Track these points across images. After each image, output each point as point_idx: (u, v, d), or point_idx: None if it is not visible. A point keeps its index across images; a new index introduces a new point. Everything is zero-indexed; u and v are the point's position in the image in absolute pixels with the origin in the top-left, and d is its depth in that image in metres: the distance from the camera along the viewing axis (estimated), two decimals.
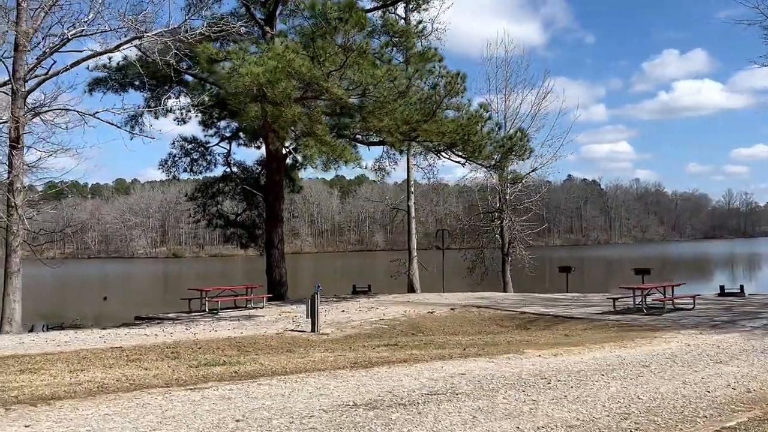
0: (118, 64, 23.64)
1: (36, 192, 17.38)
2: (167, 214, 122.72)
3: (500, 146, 20.91)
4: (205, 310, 18.46)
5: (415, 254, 27.26)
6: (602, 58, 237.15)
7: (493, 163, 22.18)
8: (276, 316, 16.96)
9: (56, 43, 16.47)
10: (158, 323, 16.45)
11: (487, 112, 19.61)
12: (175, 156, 25.54)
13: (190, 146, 25.47)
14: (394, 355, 8.65)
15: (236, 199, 26.68)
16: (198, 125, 25.95)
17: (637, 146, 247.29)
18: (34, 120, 16.05)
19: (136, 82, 24.48)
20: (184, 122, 26.14)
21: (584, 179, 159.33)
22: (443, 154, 21.66)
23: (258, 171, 25.72)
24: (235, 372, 6.89)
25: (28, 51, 15.73)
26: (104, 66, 23.18)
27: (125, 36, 17.02)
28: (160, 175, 63.25)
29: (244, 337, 12.69)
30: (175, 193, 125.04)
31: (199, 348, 10.88)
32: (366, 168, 22.01)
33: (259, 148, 26.35)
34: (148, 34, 15.00)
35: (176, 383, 6.09)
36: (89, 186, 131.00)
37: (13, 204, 15.37)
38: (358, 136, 21.13)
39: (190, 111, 25.73)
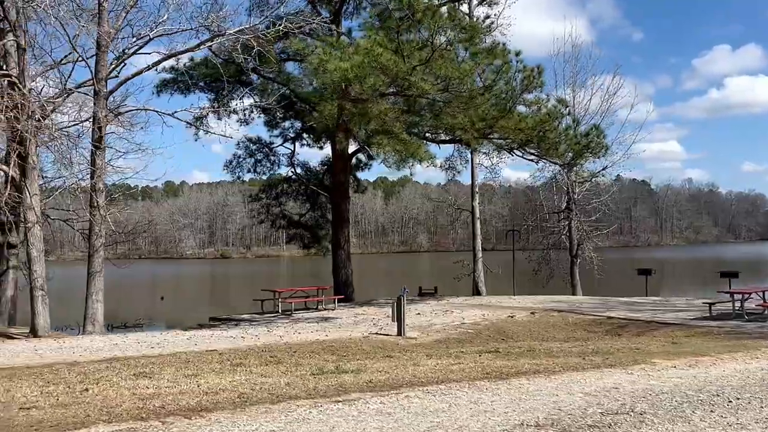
0: (184, 65, 23.79)
1: (120, 192, 17.46)
2: (215, 216, 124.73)
3: (576, 143, 20.07)
4: (278, 311, 18.24)
5: (480, 255, 26.55)
6: (650, 56, 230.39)
7: (567, 161, 21.39)
8: (353, 319, 16.58)
9: (135, 43, 16.54)
10: (235, 324, 16.27)
11: (566, 107, 18.82)
12: (239, 157, 25.54)
13: (254, 147, 25.40)
14: (514, 365, 8.07)
15: (299, 199, 26.50)
16: (263, 126, 25.92)
17: (688, 145, 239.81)
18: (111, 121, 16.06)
19: (201, 84, 24.61)
20: (247, 123, 26.18)
21: (633, 179, 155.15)
22: (516, 151, 20.95)
23: (322, 171, 25.48)
24: (369, 381, 6.44)
25: (109, 52, 15.75)
26: (172, 68, 23.29)
27: (200, 36, 17.05)
28: (207, 178, 63.85)
29: (333, 340, 12.31)
30: (222, 195, 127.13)
31: (295, 352, 10.52)
32: (437, 166, 21.35)
33: (322, 148, 26.13)
34: (230, 31, 14.82)
35: (318, 394, 5.66)
36: (139, 188, 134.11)
37: (96, 204, 15.41)
38: (427, 134, 20.64)
39: (252, 112, 25.73)
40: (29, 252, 14.81)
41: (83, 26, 14.17)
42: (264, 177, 26.26)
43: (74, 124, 16.34)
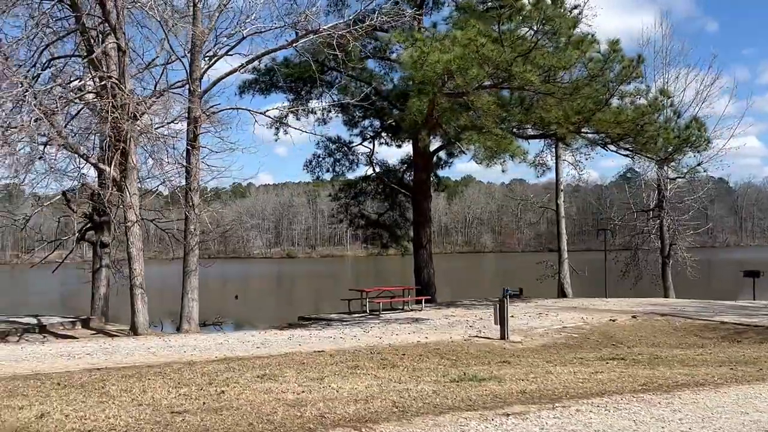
0: (266, 66, 23.94)
1: (215, 191, 17.61)
2: (281, 217, 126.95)
3: (674, 137, 18.85)
4: (365, 311, 17.96)
5: (566, 256, 25.52)
6: (726, 47, 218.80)
7: (664, 156, 20.16)
8: (445, 320, 16.05)
9: (226, 43, 16.63)
10: (327, 324, 16.05)
11: (669, 98, 17.67)
12: (319, 156, 25.48)
13: (334, 146, 25.28)
14: (662, 375, 7.36)
15: (378, 199, 26.21)
16: (340, 126, 25.77)
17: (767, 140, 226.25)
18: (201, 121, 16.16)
19: (281, 84, 24.70)
20: (325, 123, 26.09)
21: (711, 177, 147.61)
22: (610, 146, 19.90)
23: (402, 170, 25.10)
24: (522, 392, 5.92)
25: (202, 52, 15.86)
26: (254, 69, 23.44)
27: (286, 36, 17.00)
28: (272, 179, 64.86)
29: (436, 343, 11.83)
30: (287, 197, 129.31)
31: (404, 355, 10.10)
32: (528, 162, 20.53)
33: (400, 146, 25.77)
34: (324, 27, 14.62)
35: (478, 405, 5.20)
36: (208, 189, 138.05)
37: (191, 203, 15.54)
38: (513, 129, 19.90)
39: (331, 111, 25.62)
40: (129, 251, 15.06)
41: (181, 26, 14.24)
42: (343, 176, 26.12)
43: (168, 123, 16.54)
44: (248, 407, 5.22)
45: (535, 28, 12.55)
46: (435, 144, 22.84)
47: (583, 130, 18.39)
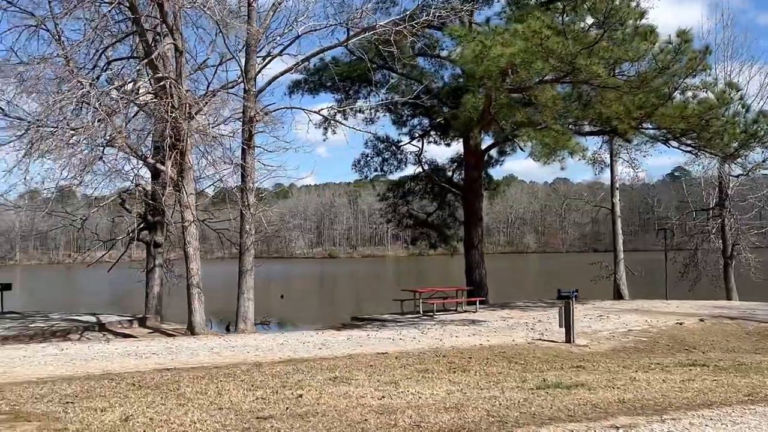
0: (314, 66, 23.89)
1: (268, 191, 17.61)
2: (323, 217, 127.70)
3: (741, 132, 17.96)
4: (419, 312, 17.67)
5: (622, 257, 24.69)
6: None
7: (730, 151, 19.24)
8: (503, 322, 15.62)
9: (279, 42, 16.60)
10: (382, 325, 15.81)
11: (738, 91, 16.83)
12: (367, 156, 25.31)
13: (382, 146, 25.08)
14: (762, 383, 6.85)
15: (426, 198, 25.89)
16: (386, 125, 25.58)
17: None
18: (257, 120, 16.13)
19: (328, 84, 24.62)
20: (373, 122, 25.93)
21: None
22: (672, 142, 19.13)
23: (452, 168, 24.72)
24: (620, 401, 5.53)
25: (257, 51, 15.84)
26: (304, 68, 23.44)
27: (336, 34, 16.87)
28: (314, 180, 65.20)
29: (500, 346, 11.46)
30: (329, 197, 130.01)
31: (470, 358, 9.78)
32: (587, 160, 19.90)
33: (449, 145, 25.39)
34: (380, 23, 14.40)
35: (580, 416, 4.84)
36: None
37: (246, 203, 15.54)
38: (569, 126, 19.31)
39: (378, 111, 25.42)
40: (186, 250, 15.13)
41: (237, 25, 14.23)
42: (388, 176, 25.93)
43: (221, 123, 16.59)
44: (333, 413, 5.00)
45: (600, 19, 12.02)
46: (486, 142, 22.47)
47: (643, 125, 17.74)
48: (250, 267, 15.71)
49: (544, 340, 12.50)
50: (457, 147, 24.82)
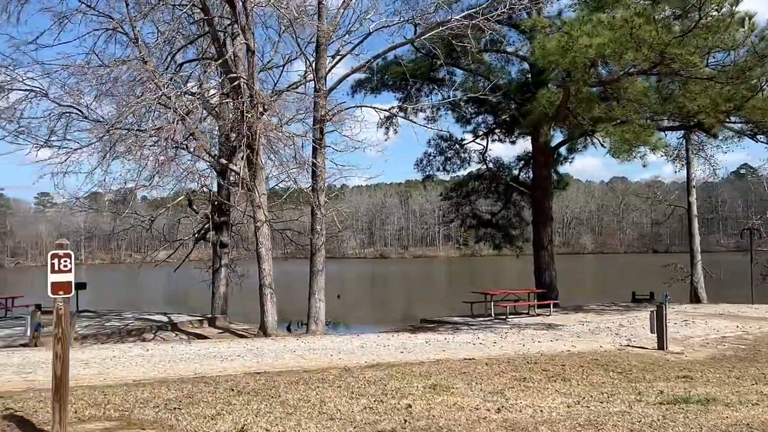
0: (377, 65, 23.65)
1: (333, 191, 17.47)
2: (374, 217, 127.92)
3: None
4: (490, 315, 17.15)
5: (699, 258, 23.46)
6: None
7: None
8: (582, 327, 14.95)
9: (347, 40, 16.41)
10: (454, 328, 15.38)
11: None
12: (430, 155, 24.89)
13: (445, 144, 24.62)
14: None
15: (490, 197, 25.29)
16: (446, 124, 25.09)
17: None
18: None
19: (390, 82, 24.35)
20: (435, 120, 25.49)
21: None
22: (759, 137, 17.97)
23: (518, 167, 24.05)
24: None
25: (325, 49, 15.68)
26: (368, 67, 23.23)
27: (402, 32, 16.58)
28: (365, 181, 65.06)
29: (590, 353, 10.86)
30: (380, 198, 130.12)
31: (563, 365, 9.25)
32: (669, 156, 18.98)
33: (514, 143, 24.74)
34: (455, 17, 14.00)
35: None
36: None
37: (317, 202, 15.39)
38: (647, 120, 18.41)
39: (440, 109, 24.98)
40: (258, 251, 15.07)
41: (308, 22, 14.09)
42: (454, 175, 25.44)
43: (288, 121, 16.50)
44: (459, 429, 4.63)
45: (696, 5, 11.24)
46: (555, 139, 21.75)
47: (730, 119, 16.72)
48: (321, 267, 15.56)
49: (634, 347, 11.82)
50: (524, 145, 24.19)
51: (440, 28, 14.30)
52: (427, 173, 25.32)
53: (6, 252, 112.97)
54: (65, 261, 4.35)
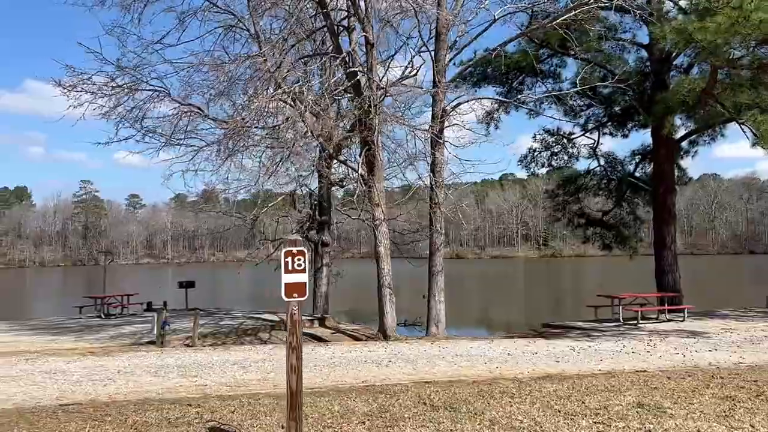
0: (477, 58, 22.80)
1: (457, 187, 16.81)
2: (449, 218, 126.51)
3: None
4: (617, 320, 15.95)
5: None
6: None
7: None
8: (731, 335, 13.52)
9: (464, 30, 15.69)
10: (585, 334, 14.30)
11: None
12: (535, 151, 23.72)
13: (552, 139, 23.39)
14: None
15: (601, 195, 23.84)
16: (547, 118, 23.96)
17: None
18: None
19: (492, 76, 23.40)
20: (537, 115, 24.36)
21: None
22: None
23: (633, 162, 22.50)
24: None
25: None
26: (469, 61, 22.42)
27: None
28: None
29: None
30: (456, 197, 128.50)
31: (755, 381, 8.12)
32: None
33: (626, 136, 23.18)
34: (582, 1, 13.01)
35: None
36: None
37: (436, 201, 14.76)
38: None
39: (543, 103, 23.81)
40: (377, 250, 14.61)
41: (430, 8, 13.46)
42: (560, 171, 24.13)
43: (402, 115, 15.93)
44: None
45: None
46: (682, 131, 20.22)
47: None
48: (440, 268, 14.93)
49: None
50: (638, 138, 22.75)
51: (573, 12, 13.32)
52: (532, 170, 24.19)
53: (101, 250, 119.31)
54: (299, 259, 3.84)
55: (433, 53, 14.75)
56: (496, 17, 14.16)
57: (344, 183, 23.12)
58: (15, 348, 12.51)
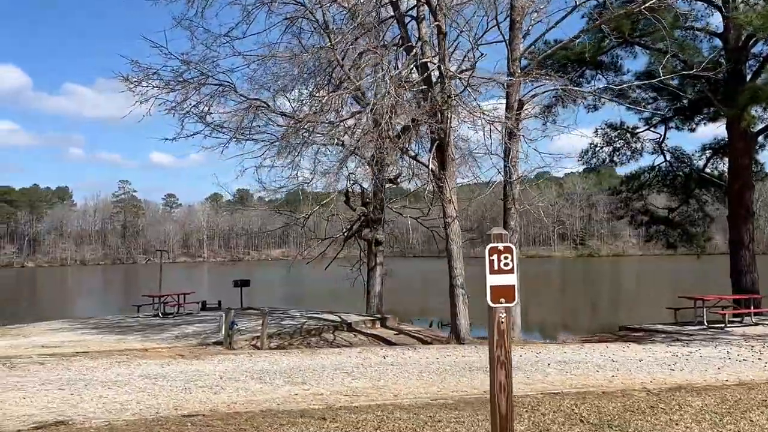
0: (539, 49, 22.01)
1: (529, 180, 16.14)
2: (482, 216, 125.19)
3: None
4: (701, 323, 15.06)
5: None
6: None
7: None
8: None
9: (537, 19, 15.00)
10: (671, 338, 13.45)
11: None
12: (596, 146, 22.81)
13: (614, 134, 22.45)
14: None
15: (666, 191, 22.83)
16: (626, 110, 22.94)
17: None
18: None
19: (552, 69, 22.57)
20: (596, 109, 23.43)
21: None
22: None
23: (705, 156, 21.45)
24: None
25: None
26: (530, 52, 21.64)
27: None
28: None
29: None
30: (489, 196, 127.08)
31: None
32: None
33: (694, 130, 22.14)
34: None
35: None
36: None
37: (512, 196, 14.10)
38: None
39: (602, 96, 22.88)
40: (449, 248, 14.04)
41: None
42: (624, 167, 23.21)
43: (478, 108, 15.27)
44: None
45: None
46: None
47: None
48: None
49: None
50: (707, 132, 21.67)
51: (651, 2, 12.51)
52: (593, 165, 23.28)
53: (139, 250, 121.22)
54: (506, 258, 3.27)
55: (507, 42, 14.08)
56: (578, 3, 13.39)
57: (398, 180, 22.63)
58: (86, 347, 12.27)
